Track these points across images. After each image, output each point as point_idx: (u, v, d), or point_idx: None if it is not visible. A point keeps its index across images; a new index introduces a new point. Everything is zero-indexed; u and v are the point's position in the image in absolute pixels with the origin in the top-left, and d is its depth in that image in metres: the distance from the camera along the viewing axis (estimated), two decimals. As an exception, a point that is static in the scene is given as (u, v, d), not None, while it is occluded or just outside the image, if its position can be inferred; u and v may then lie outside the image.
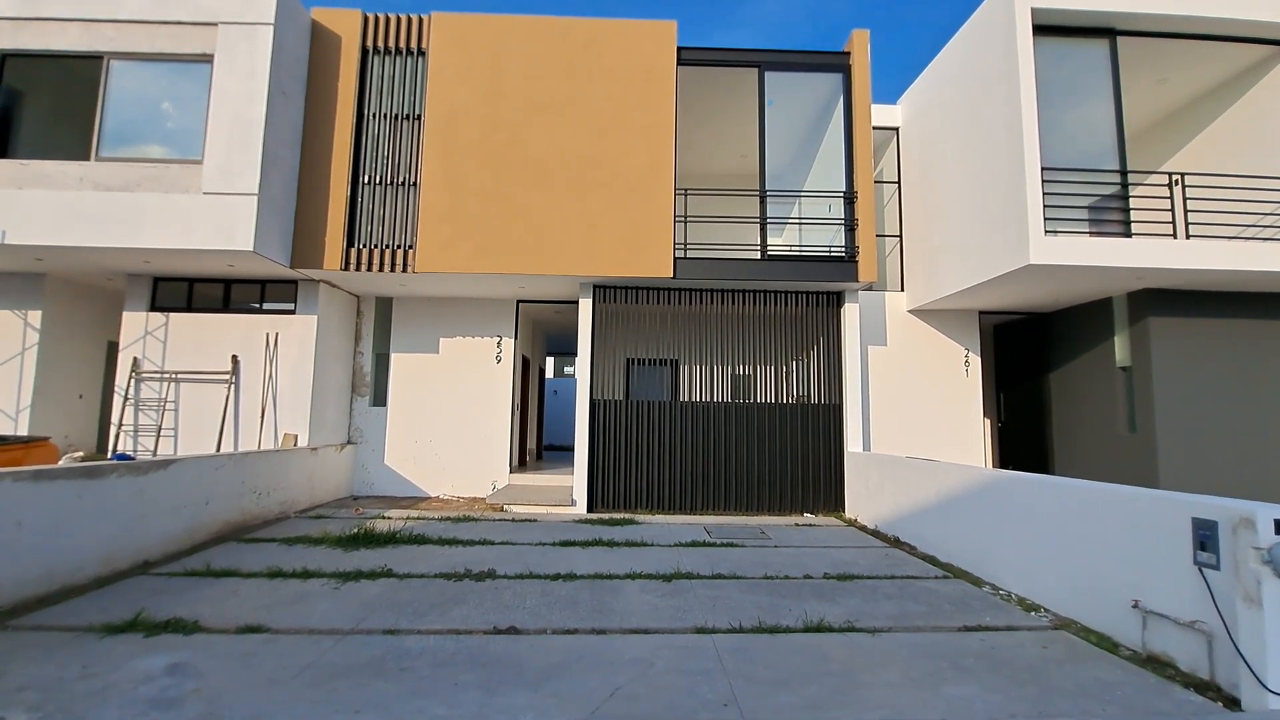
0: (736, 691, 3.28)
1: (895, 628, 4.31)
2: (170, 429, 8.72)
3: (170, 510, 5.91)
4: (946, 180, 9.68)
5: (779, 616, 4.47)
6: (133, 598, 4.57)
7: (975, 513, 5.81)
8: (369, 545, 6.31)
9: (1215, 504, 3.53)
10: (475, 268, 8.58)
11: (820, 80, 9.47)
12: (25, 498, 4.47)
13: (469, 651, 3.73)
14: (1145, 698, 3.31)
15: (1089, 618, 4.33)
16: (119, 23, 7.67)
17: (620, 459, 9.09)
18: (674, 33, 9.03)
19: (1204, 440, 8.43)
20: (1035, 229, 7.56)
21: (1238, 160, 8.75)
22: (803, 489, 9.13)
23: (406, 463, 10.22)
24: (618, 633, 4.12)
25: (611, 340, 9.44)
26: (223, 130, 7.66)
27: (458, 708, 3.05)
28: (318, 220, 8.53)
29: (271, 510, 7.72)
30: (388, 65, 8.99)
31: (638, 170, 8.79)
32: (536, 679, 3.38)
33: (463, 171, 8.69)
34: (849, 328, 9.37)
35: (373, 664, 3.53)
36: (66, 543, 4.78)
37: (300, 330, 9.04)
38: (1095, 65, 8.21)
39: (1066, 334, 10.23)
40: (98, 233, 7.44)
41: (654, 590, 5.07)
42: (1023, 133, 7.71)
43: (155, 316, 8.93)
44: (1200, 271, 7.84)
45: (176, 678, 3.29)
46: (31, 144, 7.81)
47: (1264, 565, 3.19)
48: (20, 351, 8.98)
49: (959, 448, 10.35)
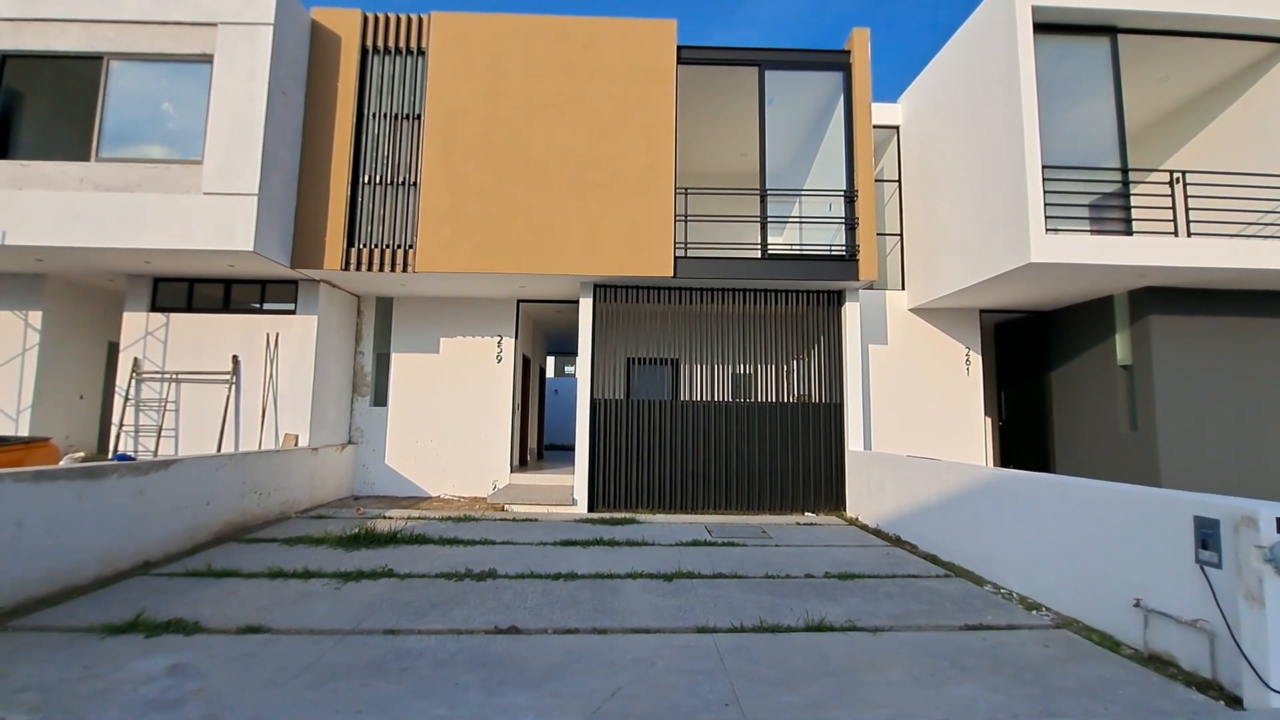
0: (738, 691, 3.27)
1: (897, 627, 4.31)
2: (171, 429, 8.72)
3: (171, 511, 5.92)
4: (947, 179, 9.68)
5: (780, 616, 4.46)
6: (133, 598, 4.57)
7: (976, 512, 5.80)
8: (370, 545, 6.32)
9: (1217, 502, 3.52)
10: (476, 267, 8.58)
11: (820, 79, 9.47)
12: (26, 498, 4.47)
13: (470, 651, 3.73)
14: (1147, 697, 3.31)
15: (1091, 617, 4.33)
16: (119, 23, 7.67)
17: (621, 458, 9.09)
18: (674, 32, 9.03)
19: (1205, 438, 8.43)
20: (1036, 227, 7.55)
21: (1239, 158, 8.74)
22: (804, 488, 9.12)
23: (407, 463, 10.22)
24: (619, 632, 4.11)
25: (612, 339, 9.44)
26: (223, 131, 7.66)
27: (459, 708, 3.04)
28: (318, 220, 8.53)
29: (272, 510, 7.72)
30: (387, 65, 8.99)
31: (638, 169, 8.79)
32: (537, 679, 3.38)
33: (463, 171, 8.69)
34: (850, 326, 9.36)
35: (374, 664, 3.53)
36: (67, 543, 4.78)
37: (300, 330, 9.04)
38: (1096, 63, 8.20)
39: (1067, 332, 10.22)
40: (98, 233, 7.44)
41: (655, 590, 5.07)
42: (1023, 131, 7.70)
43: (156, 317, 8.93)
44: (1201, 270, 7.83)
45: (177, 678, 3.29)
46: (32, 145, 7.81)
47: (1266, 564, 3.19)
48: (21, 352, 8.98)
49: (960, 446, 10.35)
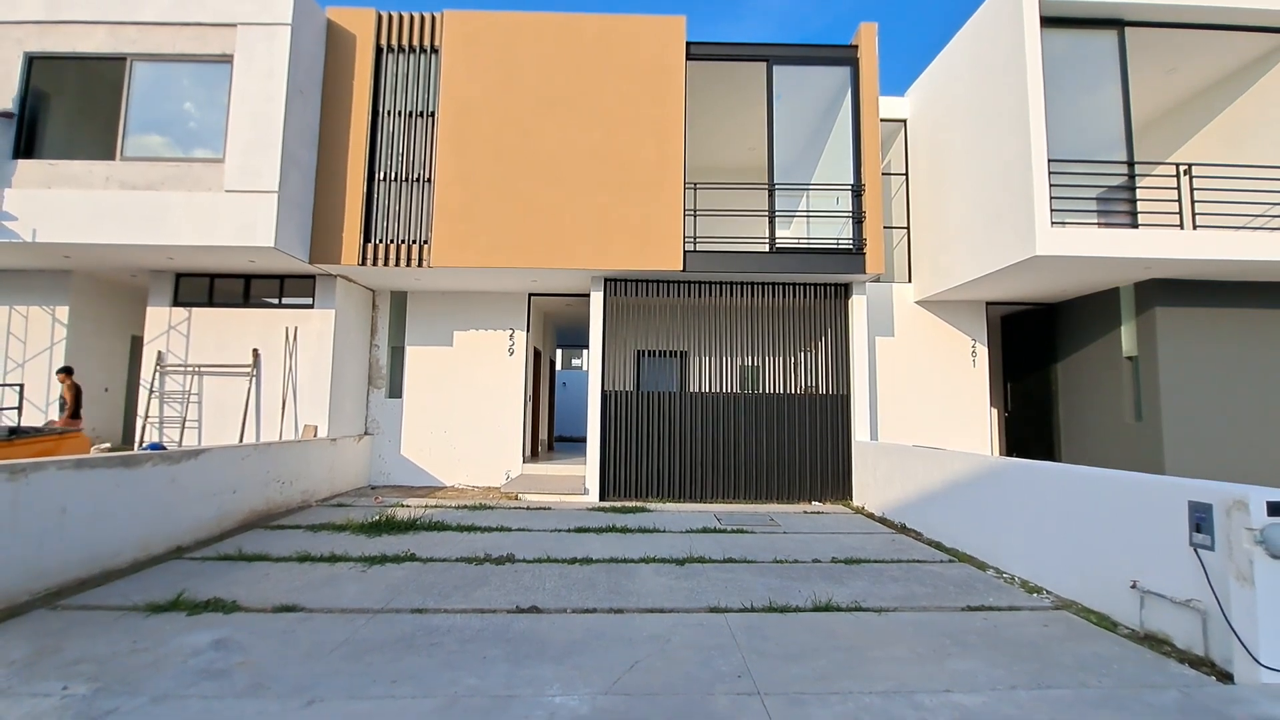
0: (749, 665, 3.45)
1: (901, 608, 4.47)
2: (194, 421, 8.97)
3: (201, 498, 6.15)
4: (954, 172, 9.75)
5: (789, 597, 4.64)
6: (171, 580, 4.80)
7: (980, 499, 5.95)
8: (391, 531, 6.53)
9: (1210, 487, 3.66)
10: (489, 262, 8.76)
11: (828, 73, 9.55)
12: (69, 485, 4.69)
13: (494, 629, 3.93)
14: (1141, 672, 3.46)
15: (1090, 599, 4.48)
16: (142, 25, 7.86)
17: (631, 449, 9.27)
18: (683, 28, 9.13)
19: (1210, 429, 8.52)
20: (1042, 220, 7.64)
21: (1246, 150, 8.78)
22: (811, 478, 9.28)
23: (422, 453, 10.44)
24: (635, 612, 4.30)
25: (622, 332, 9.61)
26: (243, 129, 7.85)
27: (488, 678, 3.24)
28: (335, 216, 8.72)
29: (294, 499, 7.95)
30: (401, 63, 9.15)
31: (648, 165, 8.93)
32: (559, 653, 3.57)
33: (476, 167, 8.85)
34: (856, 319, 9.49)
35: (404, 640, 3.72)
36: (106, 528, 5.01)
37: (319, 324, 9.26)
38: (1103, 56, 8.25)
39: (1073, 324, 10.31)
40: (124, 230, 7.67)
41: (668, 573, 5.26)
42: (1030, 124, 7.77)
43: (178, 311, 9.17)
44: (1208, 262, 7.90)
45: (222, 652, 3.50)
46: (59, 145, 8.04)
47: (1256, 545, 3.33)
48: (49, 346, 9.26)
49: (966, 437, 10.47)
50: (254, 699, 2.97)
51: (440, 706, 2.95)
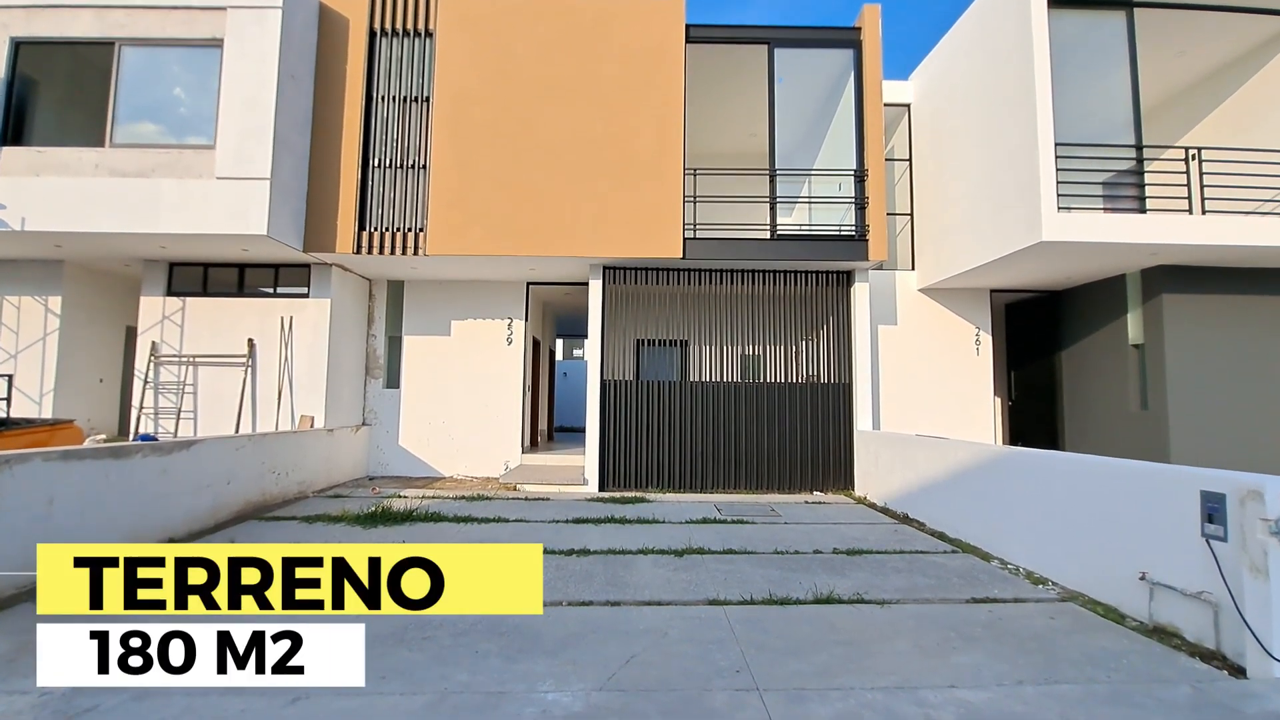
0: (749, 659, 3.37)
1: (904, 600, 4.39)
2: (189, 411, 8.89)
3: (194, 489, 6.07)
4: (958, 157, 9.59)
5: (789, 589, 4.56)
6: (162, 572, 4.72)
7: (984, 489, 5.86)
8: (387, 523, 6.46)
9: (1223, 476, 3.56)
10: (486, 250, 8.63)
11: (830, 57, 9.37)
12: (56, 476, 4.61)
13: (488, 622, 3.84)
14: (1151, 666, 3.38)
15: (1096, 590, 4.39)
16: (130, 8, 7.69)
17: (631, 438, 9.19)
18: (682, 10, 8.95)
19: (1217, 417, 8.41)
20: (1048, 206, 7.50)
21: (1255, 134, 8.61)
22: (812, 467, 9.19)
23: (420, 444, 10.36)
24: (632, 604, 4.22)
25: (622, 321, 9.49)
26: (234, 115, 7.71)
27: (480, 674, 3.16)
28: (329, 204, 8.59)
29: (290, 490, 7.88)
30: (395, 47, 8.97)
31: (647, 150, 8.78)
32: (554, 648, 3.49)
33: (472, 153, 8.71)
34: (859, 307, 9.36)
35: (395, 634, 3.64)
36: (95, 520, 4.93)
37: (314, 313, 9.15)
38: (1112, 38, 8.06)
39: (1079, 312, 10.17)
40: (115, 218, 7.54)
41: (666, 565, 5.17)
42: (1036, 108, 7.62)
43: (172, 301, 9.06)
44: (1216, 248, 7.77)
45: (209, 646, 3.42)
46: (47, 131, 7.91)
47: (1271, 536, 3.23)
48: (42, 337, 9.16)
49: (969, 426, 10.37)
50: (238, 699, 2.89)
51: (429, 704, 2.87)
